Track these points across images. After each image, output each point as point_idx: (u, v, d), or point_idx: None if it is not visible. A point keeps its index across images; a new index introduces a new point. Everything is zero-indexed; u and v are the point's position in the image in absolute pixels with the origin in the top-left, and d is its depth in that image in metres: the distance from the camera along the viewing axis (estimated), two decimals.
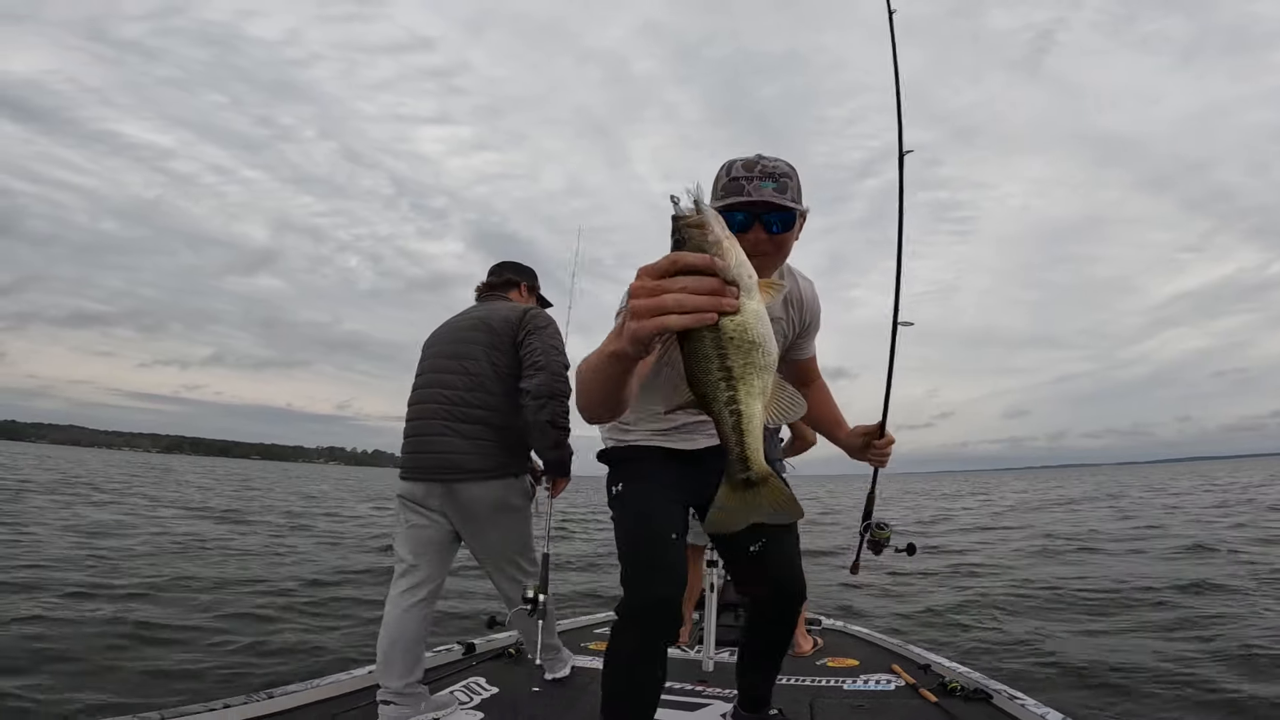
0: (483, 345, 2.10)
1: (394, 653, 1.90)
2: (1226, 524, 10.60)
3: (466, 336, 2.13)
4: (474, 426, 2.03)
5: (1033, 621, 5.20)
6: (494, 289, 2.34)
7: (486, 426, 2.04)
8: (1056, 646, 4.37)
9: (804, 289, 1.59)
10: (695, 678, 2.41)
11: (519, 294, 2.36)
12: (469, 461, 2.00)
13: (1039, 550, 9.23)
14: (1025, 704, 2.00)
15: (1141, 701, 3.28)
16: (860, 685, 2.32)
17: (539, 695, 2.13)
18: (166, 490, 18.51)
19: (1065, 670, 3.81)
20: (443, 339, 2.19)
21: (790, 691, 2.28)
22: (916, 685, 2.26)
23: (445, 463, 2.01)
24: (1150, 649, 4.21)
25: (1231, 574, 6.30)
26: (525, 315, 2.14)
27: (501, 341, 2.10)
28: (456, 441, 2.02)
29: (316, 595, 5.32)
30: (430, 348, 2.20)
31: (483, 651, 2.61)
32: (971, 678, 2.31)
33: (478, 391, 2.06)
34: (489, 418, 2.05)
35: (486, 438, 2.03)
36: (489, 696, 2.13)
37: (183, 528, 9.36)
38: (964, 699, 2.12)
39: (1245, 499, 15.97)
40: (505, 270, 2.38)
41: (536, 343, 2.06)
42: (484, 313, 2.18)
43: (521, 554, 2.12)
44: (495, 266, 2.40)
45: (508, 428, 2.07)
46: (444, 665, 2.44)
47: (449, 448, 2.01)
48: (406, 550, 2.04)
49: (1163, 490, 23.72)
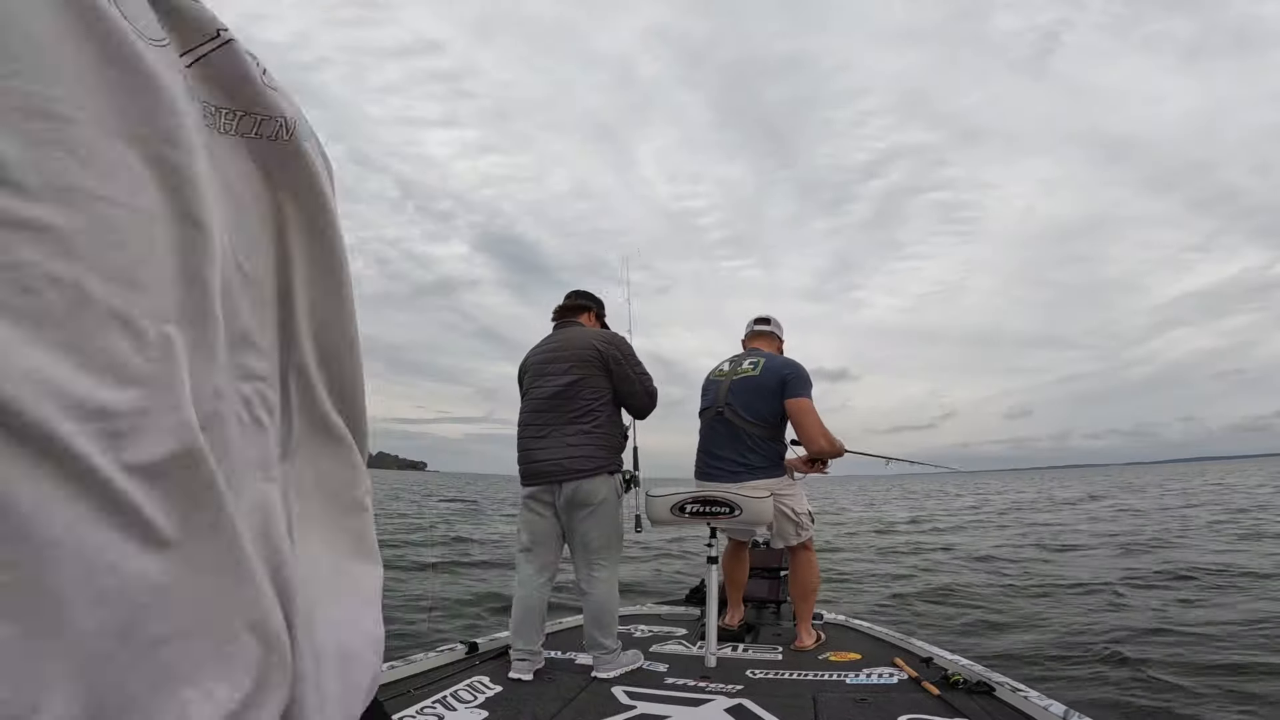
0: (575, 364, 2.48)
1: (525, 621, 2.40)
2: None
3: (559, 361, 2.51)
4: (570, 435, 2.44)
5: (1033, 613, 5.21)
6: (567, 313, 2.71)
7: (580, 434, 2.44)
8: (1058, 639, 4.38)
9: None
10: (698, 673, 2.41)
11: (588, 318, 2.73)
12: (569, 465, 2.41)
13: (1037, 544, 9.31)
14: (1029, 696, 1.99)
15: (1144, 693, 3.28)
16: (863, 679, 2.32)
17: (542, 693, 2.14)
18: None
19: (1066, 662, 3.81)
20: (538, 362, 2.58)
21: (793, 686, 2.28)
22: (919, 678, 2.25)
23: (550, 467, 2.42)
24: (1149, 640, 4.21)
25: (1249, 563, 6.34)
26: (608, 341, 2.54)
27: (591, 366, 2.48)
28: (558, 448, 2.42)
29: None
30: (526, 373, 2.63)
31: (485, 650, 2.61)
32: (974, 670, 2.30)
33: (577, 403, 2.46)
34: (582, 427, 2.45)
35: (582, 443, 2.42)
36: (492, 695, 2.13)
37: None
38: (967, 692, 2.11)
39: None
40: (578, 297, 2.76)
41: (630, 371, 2.52)
42: (562, 340, 2.58)
43: (606, 545, 2.44)
44: (570, 294, 2.78)
45: (599, 432, 2.46)
46: (447, 665, 2.44)
47: (551, 455, 2.43)
48: (528, 540, 2.50)
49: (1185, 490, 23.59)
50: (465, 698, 2.08)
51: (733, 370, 2.96)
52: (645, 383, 2.55)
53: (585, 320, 2.70)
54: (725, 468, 2.84)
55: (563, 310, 2.72)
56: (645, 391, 2.55)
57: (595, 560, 2.43)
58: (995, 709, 1.99)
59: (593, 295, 2.80)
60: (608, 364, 2.48)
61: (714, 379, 3.01)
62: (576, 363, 2.47)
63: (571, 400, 2.46)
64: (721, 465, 2.85)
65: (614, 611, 2.44)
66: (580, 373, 2.46)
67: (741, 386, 2.87)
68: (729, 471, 2.82)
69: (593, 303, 2.76)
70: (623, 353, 2.52)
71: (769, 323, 3.16)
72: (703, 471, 2.93)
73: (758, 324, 3.17)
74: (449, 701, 2.03)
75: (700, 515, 2.63)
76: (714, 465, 2.88)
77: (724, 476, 2.81)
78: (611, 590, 2.44)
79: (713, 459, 2.89)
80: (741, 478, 2.78)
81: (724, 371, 2.99)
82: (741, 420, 2.84)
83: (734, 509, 2.58)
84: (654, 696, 2.13)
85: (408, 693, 2.08)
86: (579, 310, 2.71)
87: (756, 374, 2.87)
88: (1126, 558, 7.66)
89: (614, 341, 2.55)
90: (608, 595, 2.42)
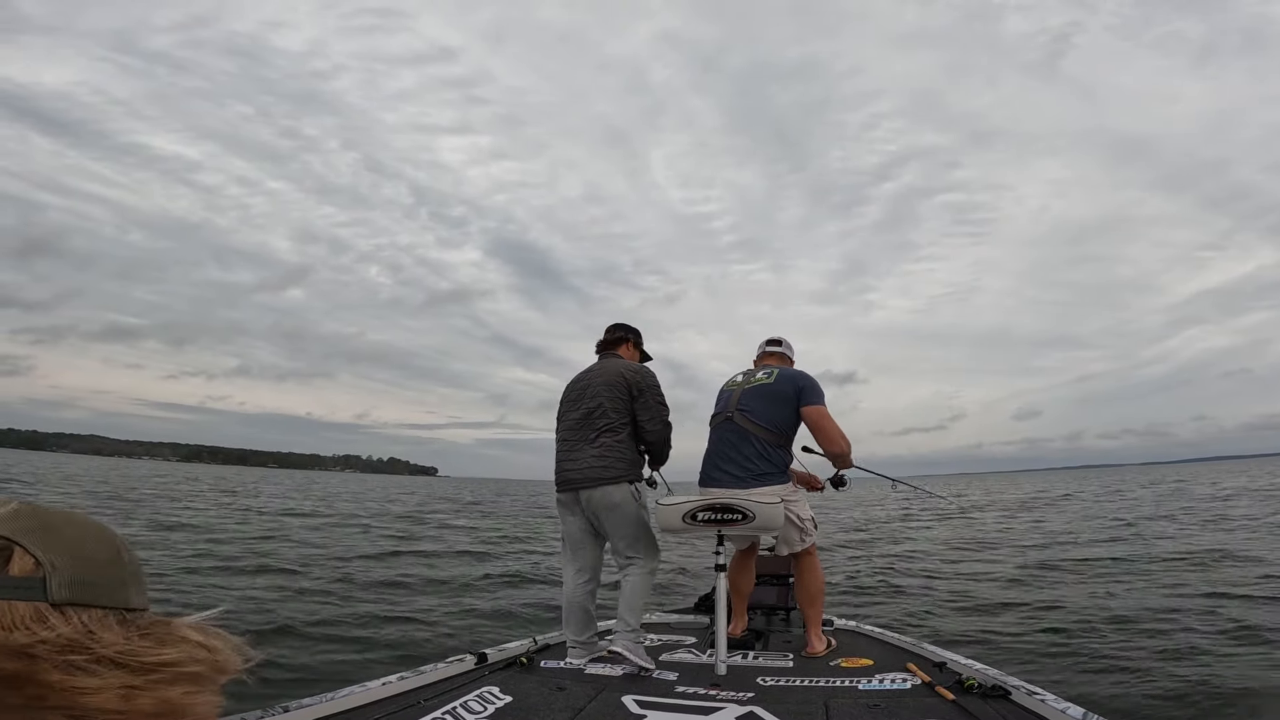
0: (604, 388, 2.88)
1: (573, 615, 2.81)
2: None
3: (593, 386, 2.91)
4: (595, 449, 2.81)
5: (1051, 617, 5.15)
6: (609, 345, 3.10)
7: (604, 448, 2.81)
8: (1076, 643, 4.33)
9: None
10: (708, 681, 2.39)
11: (628, 349, 3.11)
12: (595, 474, 2.78)
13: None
14: (1045, 699, 1.97)
15: (1158, 695, 3.24)
16: (875, 685, 2.29)
17: (551, 703, 2.13)
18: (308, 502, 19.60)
19: (1084, 666, 3.77)
20: (576, 388, 2.98)
21: (804, 693, 2.26)
22: (932, 683, 2.23)
23: (574, 476, 2.82)
24: (1165, 642, 4.16)
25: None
26: (636, 372, 2.93)
27: (618, 392, 2.87)
28: (585, 460, 2.81)
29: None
30: (567, 396, 3.00)
31: (495, 661, 2.61)
32: (989, 674, 2.28)
33: (601, 422, 2.84)
34: (606, 442, 2.82)
35: (604, 455, 2.80)
36: (503, 705, 2.12)
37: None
38: (981, 696, 2.08)
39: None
40: (617, 330, 3.14)
41: (650, 400, 2.89)
42: (599, 370, 2.98)
43: (635, 541, 2.78)
44: (610, 327, 3.15)
45: (620, 448, 2.82)
46: (457, 675, 2.43)
47: (577, 466, 2.82)
48: (566, 542, 2.90)
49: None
50: (475, 708, 2.07)
51: (746, 380, 3.03)
52: (662, 413, 2.91)
53: (624, 351, 3.10)
54: (733, 473, 2.84)
55: (604, 344, 3.13)
56: (662, 421, 2.90)
57: (628, 555, 2.79)
58: (1011, 713, 1.96)
59: (630, 327, 3.17)
60: (632, 391, 2.87)
61: (727, 389, 3.08)
62: (605, 388, 2.88)
63: (598, 420, 2.85)
64: (729, 472, 2.85)
65: (642, 594, 2.74)
66: (607, 397, 2.85)
67: (755, 393, 2.93)
68: (736, 478, 2.82)
69: (631, 334, 3.15)
70: (648, 384, 2.90)
71: (780, 344, 3.24)
72: (709, 477, 2.92)
73: (770, 345, 3.24)
74: (459, 712, 2.02)
75: (711, 522, 2.62)
76: (722, 472, 2.87)
77: (732, 483, 2.81)
78: (643, 580, 2.77)
79: (720, 466, 2.89)
80: (750, 484, 2.78)
81: (737, 382, 3.07)
82: (752, 425, 2.86)
83: (746, 515, 2.58)
84: (665, 705, 2.12)
85: (418, 704, 2.07)
86: (618, 343, 3.11)
87: (770, 381, 2.94)
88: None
89: (642, 373, 2.95)
90: (637, 584, 2.75)
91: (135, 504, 15.33)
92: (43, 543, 0.48)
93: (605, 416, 2.85)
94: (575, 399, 2.97)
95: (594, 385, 2.93)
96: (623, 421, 2.87)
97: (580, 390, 2.97)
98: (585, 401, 2.91)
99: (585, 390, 2.94)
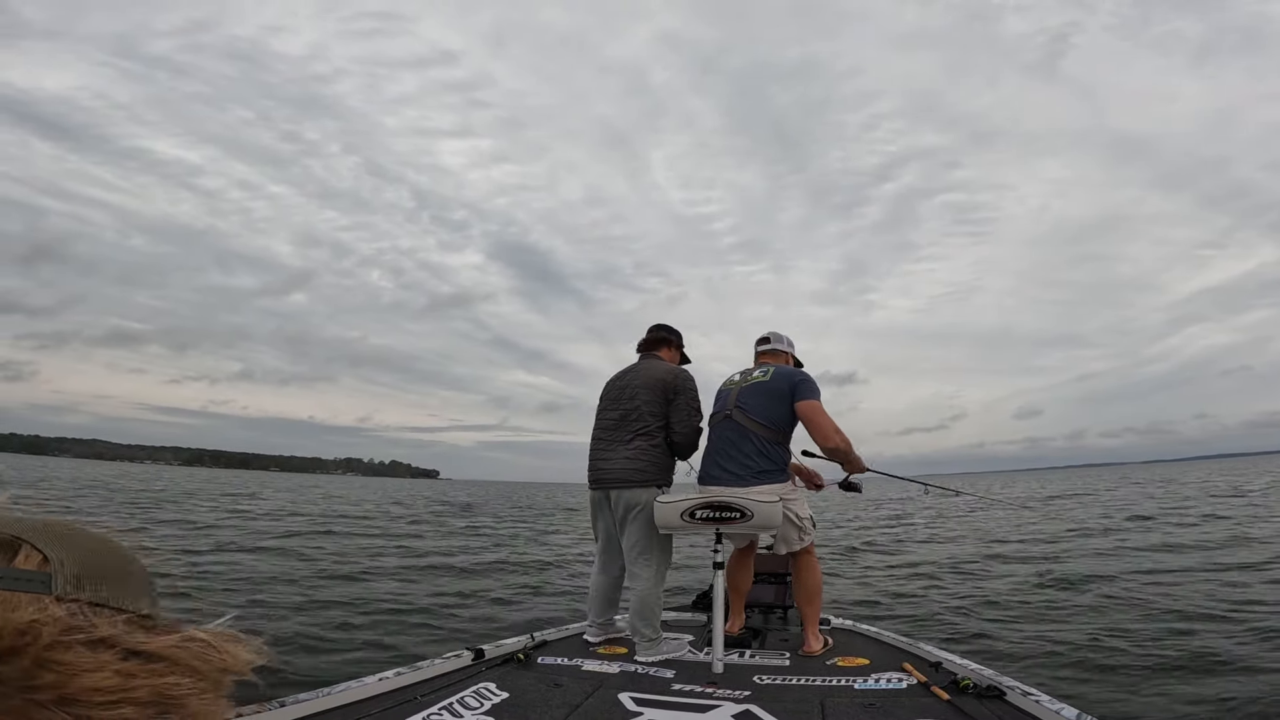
0: (643, 390, 2.94)
1: (596, 600, 2.97)
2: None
3: (631, 387, 2.97)
4: (629, 450, 2.87)
5: (1042, 617, 5.14)
6: (651, 346, 3.14)
7: (637, 450, 2.87)
8: (1068, 641, 4.32)
9: None
10: (705, 679, 2.39)
11: (669, 351, 3.15)
12: (625, 475, 2.85)
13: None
14: (1040, 700, 1.97)
15: (1155, 696, 3.23)
16: (871, 684, 2.30)
17: (549, 699, 2.13)
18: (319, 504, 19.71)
19: (1079, 666, 3.76)
20: (615, 387, 3.04)
21: (800, 692, 2.27)
22: (928, 683, 2.23)
23: (606, 475, 2.90)
24: (1164, 643, 4.15)
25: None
26: (674, 374, 2.97)
27: (656, 394, 2.92)
28: (618, 460, 2.87)
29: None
30: (606, 394, 3.07)
31: (492, 657, 2.61)
32: (984, 674, 2.28)
33: (637, 424, 2.90)
34: (640, 445, 2.88)
35: (636, 457, 2.86)
36: (499, 701, 2.13)
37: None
38: (977, 696, 2.08)
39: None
40: (659, 330, 3.18)
41: (685, 403, 2.93)
42: (638, 370, 3.04)
43: (648, 547, 2.81)
44: (652, 327, 3.19)
45: (655, 451, 2.88)
46: (454, 671, 2.44)
47: (610, 465, 2.89)
48: (598, 536, 3.02)
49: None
50: (472, 704, 2.08)
51: (744, 379, 3.05)
52: (694, 420, 2.95)
53: (664, 353, 3.14)
54: (733, 471, 2.85)
55: (646, 344, 3.17)
56: (693, 427, 2.95)
57: (638, 559, 2.81)
58: (1005, 713, 1.96)
59: (672, 328, 3.20)
60: (668, 394, 2.92)
61: (725, 388, 3.10)
62: (645, 391, 2.93)
63: (634, 422, 2.91)
64: (729, 469, 2.86)
65: (653, 604, 2.76)
66: (645, 400, 2.91)
67: (752, 391, 2.95)
68: (736, 475, 2.83)
69: (673, 335, 3.18)
70: (685, 387, 2.95)
71: (770, 341, 3.26)
72: (709, 475, 2.93)
73: (760, 344, 3.27)
74: (455, 708, 2.03)
75: (710, 520, 2.63)
76: (721, 470, 2.88)
77: (731, 481, 2.82)
78: (653, 586, 2.78)
79: (719, 464, 2.90)
80: (749, 482, 2.79)
81: (735, 380, 3.08)
82: (750, 422, 2.87)
83: (744, 513, 2.58)
84: (661, 703, 2.12)
85: (414, 699, 2.08)
86: (660, 344, 3.15)
87: (766, 379, 2.96)
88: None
89: (680, 375, 2.99)
90: (648, 590, 2.76)
91: (137, 508, 15.34)
92: (51, 542, 0.49)
93: (642, 419, 2.90)
94: (615, 398, 3.01)
95: (633, 387, 2.97)
96: (659, 425, 2.91)
97: (620, 390, 3.01)
98: (624, 402, 2.95)
99: (624, 391, 2.98)
